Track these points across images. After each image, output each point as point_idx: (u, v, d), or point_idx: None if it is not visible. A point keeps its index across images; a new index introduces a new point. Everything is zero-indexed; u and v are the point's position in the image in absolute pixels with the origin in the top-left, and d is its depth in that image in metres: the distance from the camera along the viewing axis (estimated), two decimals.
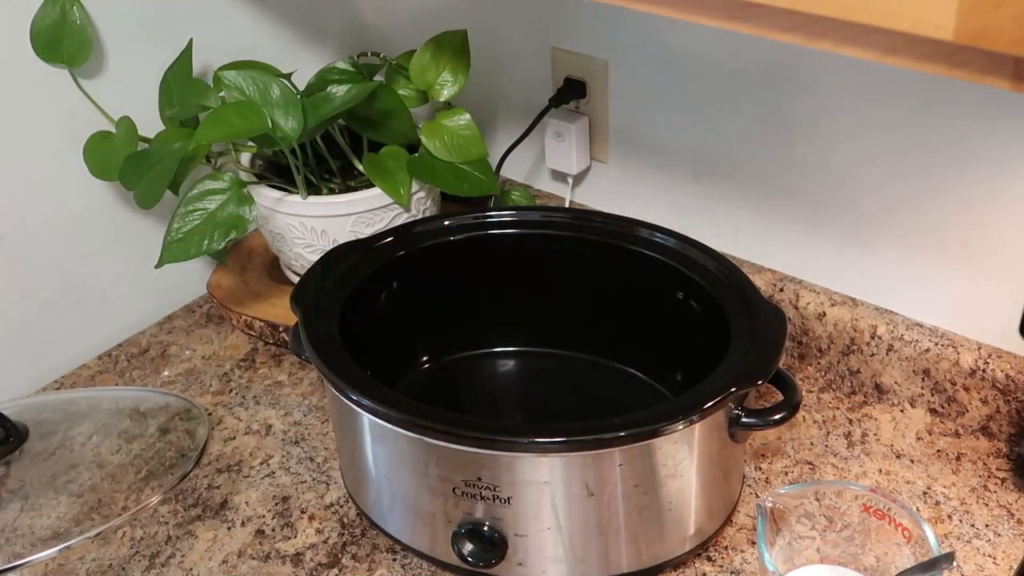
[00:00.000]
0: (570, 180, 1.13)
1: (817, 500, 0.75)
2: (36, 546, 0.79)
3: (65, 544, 0.78)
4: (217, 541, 0.86)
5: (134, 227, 1.08)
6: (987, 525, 0.83)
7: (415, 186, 1.02)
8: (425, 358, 0.98)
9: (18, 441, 0.87)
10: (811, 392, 0.98)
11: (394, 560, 0.83)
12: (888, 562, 0.74)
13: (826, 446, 0.92)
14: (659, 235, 0.89)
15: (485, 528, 0.75)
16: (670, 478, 0.74)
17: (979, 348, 0.89)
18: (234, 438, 0.96)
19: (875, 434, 0.92)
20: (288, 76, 0.97)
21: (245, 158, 1.07)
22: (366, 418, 0.77)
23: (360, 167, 1.02)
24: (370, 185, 1.00)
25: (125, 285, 1.10)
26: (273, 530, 0.86)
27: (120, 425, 0.91)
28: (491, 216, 0.94)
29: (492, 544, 0.75)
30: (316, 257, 0.91)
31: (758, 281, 0.97)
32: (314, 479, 0.91)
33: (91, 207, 1.04)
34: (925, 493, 0.86)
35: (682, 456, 0.74)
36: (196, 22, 1.06)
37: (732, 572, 0.80)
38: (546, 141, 1.11)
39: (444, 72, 1.03)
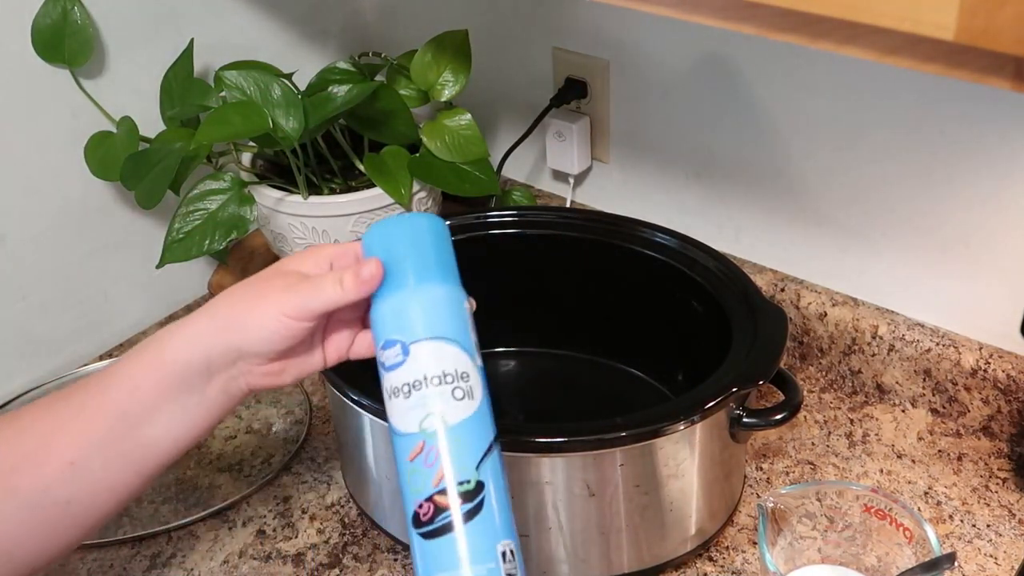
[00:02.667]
0: (571, 180, 1.13)
1: (818, 500, 0.75)
2: None
3: None
4: (218, 541, 0.86)
5: (135, 227, 1.08)
6: (988, 525, 0.83)
7: (416, 186, 1.02)
8: None
9: None
10: (812, 392, 0.98)
11: (395, 560, 0.83)
12: (889, 562, 0.74)
13: (827, 446, 0.91)
14: (660, 235, 0.89)
15: None
16: (671, 478, 0.74)
17: (980, 348, 0.89)
18: (235, 437, 0.96)
19: (876, 434, 0.92)
20: (289, 76, 0.97)
21: (246, 158, 1.07)
22: (367, 418, 0.77)
23: (361, 167, 1.02)
24: (371, 185, 1.00)
25: (126, 285, 1.10)
26: (274, 530, 0.86)
27: None
28: (492, 216, 0.94)
29: None
30: None
31: (759, 281, 0.97)
32: (315, 479, 0.91)
33: (92, 207, 1.04)
34: (926, 493, 0.86)
35: (683, 456, 0.74)
36: (197, 22, 1.06)
37: (733, 572, 0.80)
38: (547, 141, 1.11)
39: (445, 72, 1.03)
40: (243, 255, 1.17)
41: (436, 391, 0.56)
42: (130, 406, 0.58)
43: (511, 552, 0.55)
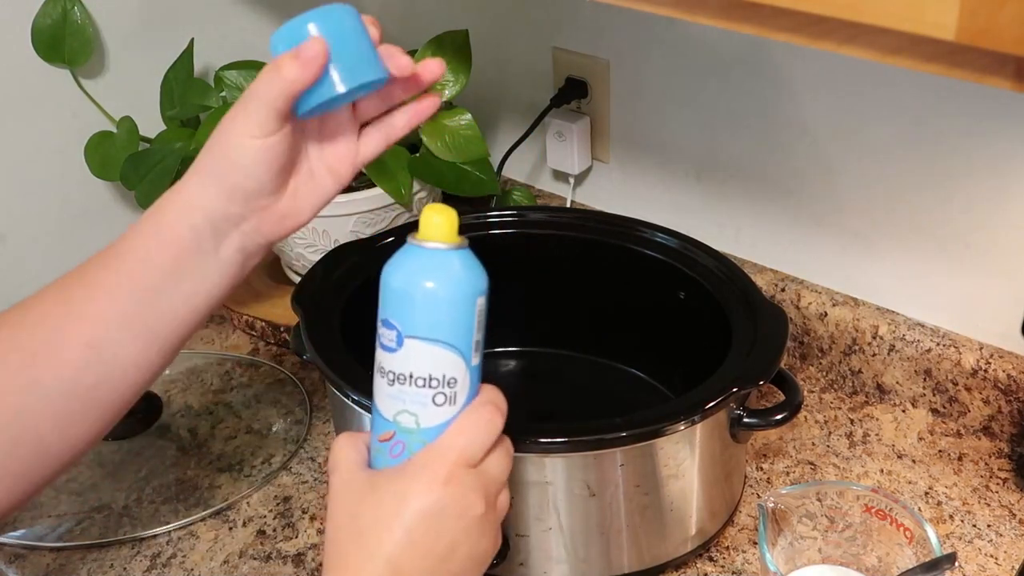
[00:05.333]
0: (571, 180, 1.13)
1: (819, 500, 0.75)
2: None
3: None
4: (218, 541, 0.86)
5: None
6: (989, 525, 0.82)
7: (416, 186, 1.01)
8: None
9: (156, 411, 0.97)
10: (812, 392, 0.98)
11: None
12: (890, 562, 0.74)
13: (828, 446, 0.91)
14: (660, 235, 0.89)
15: None
16: (672, 478, 0.74)
17: (981, 348, 0.89)
18: (235, 437, 0.96)
19: (877, 434, 0.92)
20: None
21: None
22: (367, 418, 0.76)
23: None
24: (371, 185, 1.00)
25: None
26: (274, 530, 0.86)
27: None
28: (492, 216, 0.94)
29: None
30: (317, 257, 0.91)
31: (760, 281, 0.97)
32: (315, 479, 0.91)
33: (92, 207, 1.04)
34: (927, 493, 0.86)
35: (684, 456, 0.74)
36: (197, 22, 1.06)
37: (734, 572, 0.80)
38: (547, 141, 1.11)
39: (445, 72, 1.03)
40: None
41: (417, 392, 0.55)
42: (144, 278, 0.56)
43: None
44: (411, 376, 0.55)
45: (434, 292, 0.55)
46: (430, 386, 0.55)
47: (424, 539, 0.53)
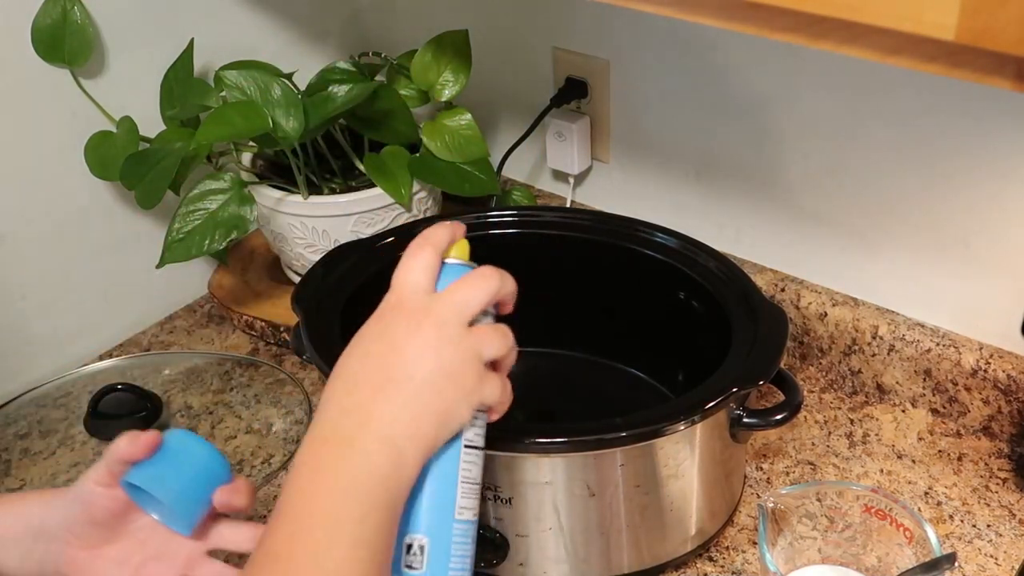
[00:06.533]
0: (571, 180, 1.13)
1: (819, 500, 0.75)
2: None
3: None
4: None
5: (135, 227, 1.08)
6: (989, 525, 0.83)
7: (416, 186, 1.02)
8: None
9: (156, 411, 0.97)
10: (812, 392, 0.98)
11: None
12: (890, 562, 0.74)
13: (827, 446, 0.91)
14: (660, 235, 0.89)
15: (487, 528, 0.75)
16: (671, 478, 0.74)
17: (981, 348, 0.89)
18: (235, 437, 0.96)
19: (876, 434, 0.92)
20: (289, 76, 0.97)
21: (246, 158, 1.07)
22: None
23: (361, 167, 1.02)
24: (371, 185, 1.00)
25: (126, 285, 1.10)
26: None
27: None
28: (492, 216, 0.94)
29: (494, 544, 0.75)
30: (317, 257, 0.91)
31: (759, 281, 0.97)
32: None
33: (92, 207, 1.04)
34: (927, 493, 0.86)
35: (684, 456, 0.74)
36: (197, 22, 1.06)
37: (734, 572, 0.80)
38: (547, 141, 1.11)
39: (445, 72, 1.03)
40: (243, 255, 1.17)
41: None
42: None
43: (420, 548, 0.58)
44: None
45: None
46: None
47: (372, 348, 0.61)
